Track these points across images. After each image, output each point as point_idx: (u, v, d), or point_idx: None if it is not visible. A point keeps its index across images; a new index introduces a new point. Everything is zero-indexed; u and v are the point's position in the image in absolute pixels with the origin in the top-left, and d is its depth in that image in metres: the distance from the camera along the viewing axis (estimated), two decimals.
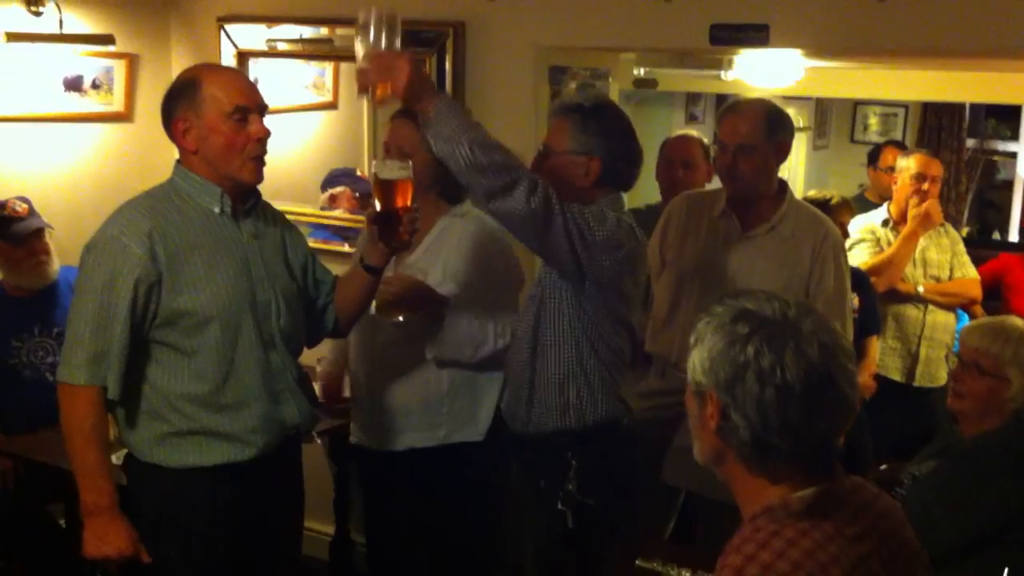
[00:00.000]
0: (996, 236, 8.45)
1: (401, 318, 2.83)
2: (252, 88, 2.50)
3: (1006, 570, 2.50)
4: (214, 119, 2.39)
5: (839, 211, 4.01)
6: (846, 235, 4.05)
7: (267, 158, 2.50)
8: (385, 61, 2.30)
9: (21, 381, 3.59)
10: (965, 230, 7.92)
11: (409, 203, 2.51)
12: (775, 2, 3.26)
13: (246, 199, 2.53)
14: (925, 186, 4.31)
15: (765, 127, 3.03)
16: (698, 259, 3.14)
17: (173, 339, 2.43)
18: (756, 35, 3.27)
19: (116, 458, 2.68)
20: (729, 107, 3.22)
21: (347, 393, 3.36)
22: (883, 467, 3.29)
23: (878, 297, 4.13)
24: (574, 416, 2.63)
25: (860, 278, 3.93)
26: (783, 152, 3.09)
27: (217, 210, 2.47)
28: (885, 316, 4.20)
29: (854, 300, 3.65)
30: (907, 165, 4.37)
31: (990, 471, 2.63)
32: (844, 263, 3.15)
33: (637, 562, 2.52)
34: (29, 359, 3.61)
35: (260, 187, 2.58)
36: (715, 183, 3.43)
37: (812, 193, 4.32)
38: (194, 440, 2.46)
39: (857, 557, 1.52)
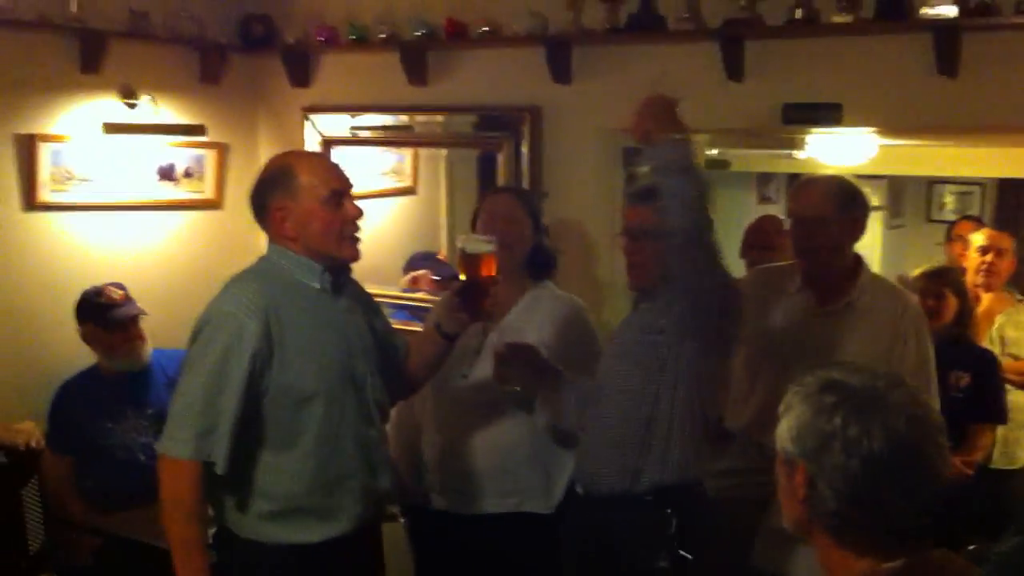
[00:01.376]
0: None
1: (519, 387, 2.85)
2: (342, 172, 2.57)
3: None
4: (312, 205, 2.44)
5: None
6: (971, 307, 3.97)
7: None
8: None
9: (114, 462, 3.67)
10: None
11: (493, 275, 2.63)
12: (847, 81, 3.32)
13: (340, 275, 2.60)
14: (989, 257, 4.27)
15: (838, 200, 3.04)
16: (775, 335, 3.14)
17: (279, 415, 2.43)
18: (829, 115, 3.32)
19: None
20: (802, 183, 3.23)
21: None
22: (971, 547, 3.21)
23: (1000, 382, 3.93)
24: (677, 474, 2.64)
25: (983, 360, 3.85)
26: (858, 226, 3.09)
27: (318, 286, 2.51)
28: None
29: (963, 379, 3.60)
30: (975, 239, 4.35)
31: None
32: (926, 336, 3.12)
33: None
34: (122, 440, 3.69)
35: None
36: None
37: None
38: (294, 517, 2.46)
39: None
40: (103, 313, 3.67)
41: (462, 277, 2.62)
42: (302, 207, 2.45)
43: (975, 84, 3.14)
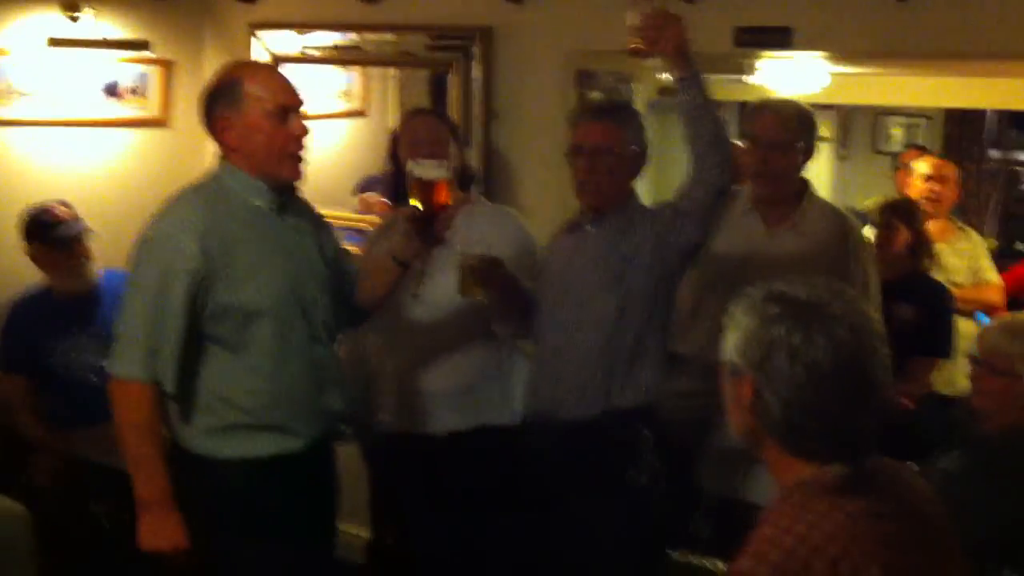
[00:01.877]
0: (1020, 246, 8.42)
1: (481, 296, 2.84)
2: (292, 87, 2.53)
3: None
4: (256, 118, 2.43)
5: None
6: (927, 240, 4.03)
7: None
8: (660, 21, 2.57)
9: (66, 382, 3.66)
10: (989, 241, 7.89)
11: (447, 202, 2.59)
12: (798, 5, 3.32)
13: (285, 195, 2.58)
14: (933, 185, 4.34)
15: (796, 125, 3.10)
16: (724, 257, 3.19)
17: (223, 333, 2.45)
18: (779, 38, 3.33)
19: None
20: (760, 105, 3.27)
21: None
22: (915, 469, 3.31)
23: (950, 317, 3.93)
24: (645, 394, 2.74)
25: (935, 293, 3.87)
26: (810, 152, 3.15)
27: (263, 206, 2.51)
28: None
29: (906, 312, 3.66)
30: (918, 167, 4.41)
31: (1012, 470, 2.65)
32: (868, 259, 3.19)
33: (672, 554, 2.56)
34: (74, 361, 3.67)
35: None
36: None
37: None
38: (245, 432, 2.49)
39: (889, 532, 1.55)
40: (49, 231, 3.62)
41: (414, 203, 2.57)
42: (246, 119, 2.44)
43: (926, 10, 3.16)
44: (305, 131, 2.49)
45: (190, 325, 2.41)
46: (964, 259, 4.32)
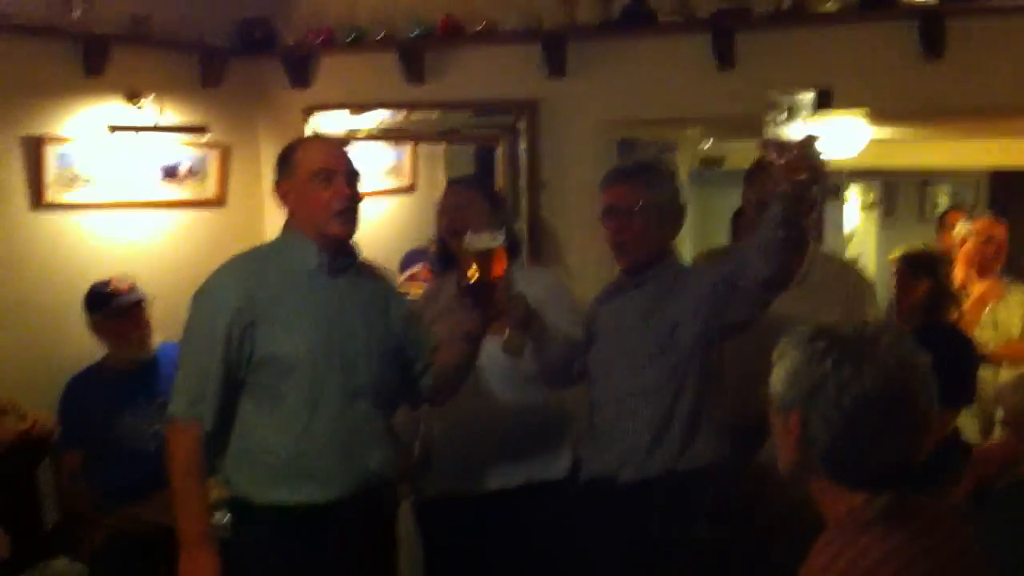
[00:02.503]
0: None
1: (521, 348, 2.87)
2: (338, 154, 2.72)
3: None
4: (304, 181, 2.63)
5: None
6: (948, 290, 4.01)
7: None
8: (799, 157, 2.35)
9: (124, 453, 3.72)
10: None
11: (504, 271, 2.62)
12: (836, 68, 3.42)
13: (343, 256, 2.70)
14: (987, 248, 4.36)
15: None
16: None
17: (265, 382, 2.59)
18: (818, 99, 3.39)
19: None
20: (764, 171, 3.30)
21: None
22: None
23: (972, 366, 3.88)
24: (705, 457, 2.76)
25: (955, 343, 3.81)
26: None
27: (314, 265, 2.65)
28: None
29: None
30: (971, 228, 4.43)
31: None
32: (874, 300, 3.28)
33: None
34: (132, 431, 3.75)
35: None
36: None
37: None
38: (275, 480, 2.60)
39: (931, 564, 1.57)
40: (109, 301, 3.75)
41: (472, 276, 2.60)
42: (298, 183, 2.64)
43: (960, 67, 3.24)
44: (347, 191, 2.62)
45: (230, 370, 2.57)
46: (1016, 314, 4.32)
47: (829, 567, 1.56)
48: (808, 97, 2.32)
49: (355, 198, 2.64)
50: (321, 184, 2.61)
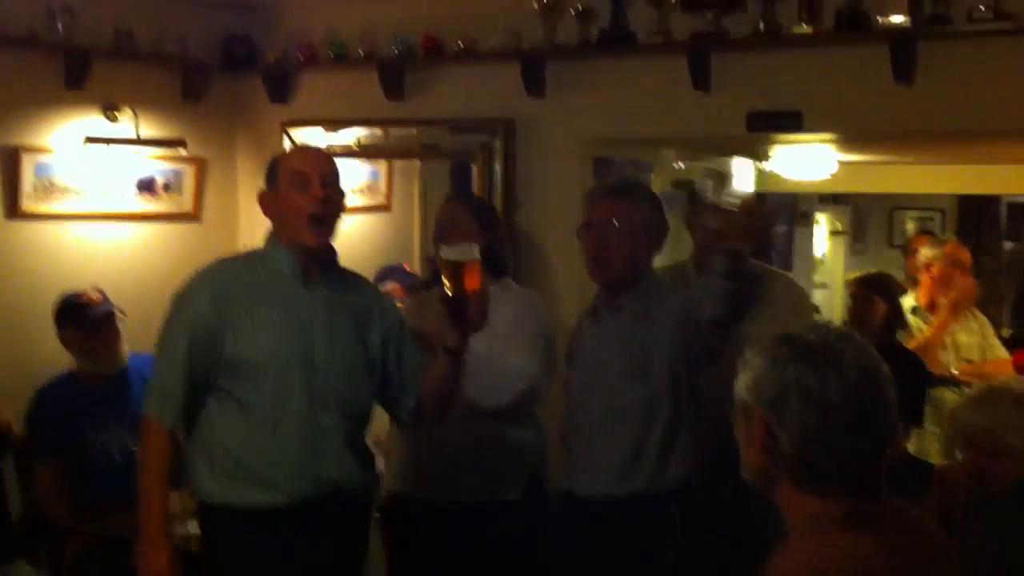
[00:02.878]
0: None
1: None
2: (317, 160, 2.69)
3: None
4: (283, 188, 2.62)
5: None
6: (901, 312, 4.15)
7: None
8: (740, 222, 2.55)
9: (95, 465, 3.71)
10: (1006, 331, 7.94)
11: (479, 285, 2.55)
12: (809, 91, 3.48)
13: (320, 265, 2.69)
14: (957, 273, 4.44)
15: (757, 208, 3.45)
16: None
17: (230, 387, 2.61)
18: (790, 121, 3.47)
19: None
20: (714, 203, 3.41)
21: None
22: None
23: (924, 387, 4.05)
24: (678, 480, 2.78)
25: (907, 362, 3.93)
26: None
27: (288, 272, 2.65)
28: None
29: None
30: (938, 253, 4.51)
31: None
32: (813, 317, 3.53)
33: None
34: (103, 443, 3.73)
35: None
36: None
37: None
38: (237, 482, 2.62)
39: (898, 564, 1.58)
40: (81, 313, 3.73)
41: (447, 288, 2.55)
42: (277, 190, 2.64)
43: (931, 91, 3.31)
44: (319, 195, 2.58)
45: (197, 373, 2.61)
46: (975, 337, 4.43)
47: (796, 571, 1.56)
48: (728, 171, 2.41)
49: (329, 202, 2.60)
50: (295, 188, 2.59)
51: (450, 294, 2.53)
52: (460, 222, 3.18)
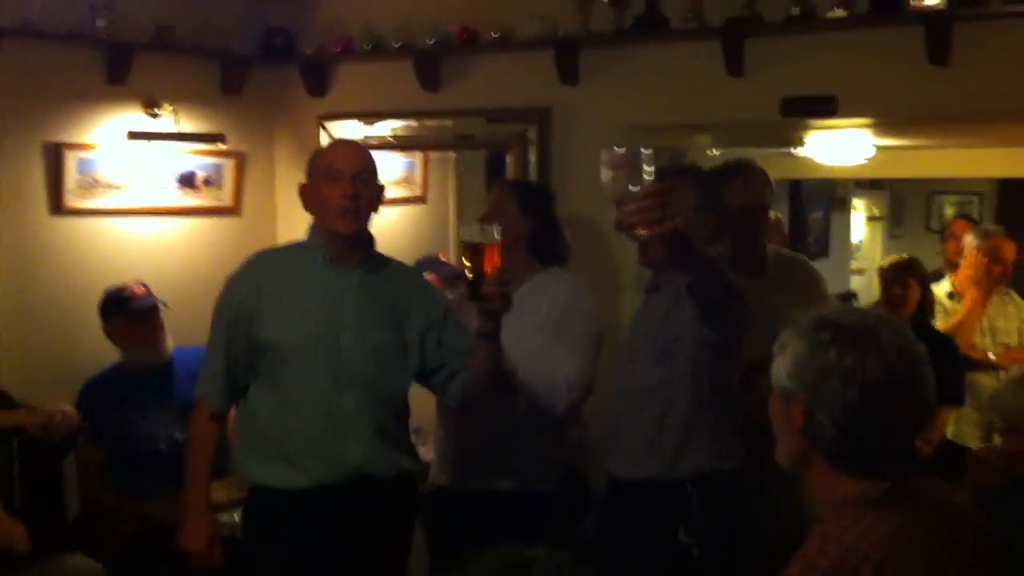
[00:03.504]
0: None
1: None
2: (350, 155, 2.80)
3: None
4: (318, 181, 2.77)
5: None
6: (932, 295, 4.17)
7: None
8: (662, 198, 2.12)
9: (139, 455, 3.80)
10: None
11: (496, 264, 2.54)
12: (843, 74, 3.47)
13: (354, 252, 2.78)
14: (996, 268, 4.42)
15: (770, 187, 3.46)
16: None
17: (265, 368, 2.76)
18: (825, 106, 3.47)
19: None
20: (738, 174, 3.35)
21: None
22: None
23: (959, 367, 4.10)
24: (698, 466, 2.77)
25: (941, 344, 3.96)
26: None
27: (321, 259, 2.77)
28: None
29: None
30: (980, 245, 4.48)
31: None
32: (827, 297, 3.55)
33: None
34: (147, 433, 3.81)
35: None
36: None
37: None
38: (268, 462, 2.76)
39: (933, 542, 1.60)
40: (126, 305, 3.81)
41: (466, 269, 2.57)
42: (315, 182, 2.78)
43: (966, 73, 3.28)
44: (348, 191, 2.69)
45: (233, 355, 2.78)
46: (1013, 321, 4.41)
47: (829, 547, 1.58)
48: (648, 152, 2.19)
49: (358, 197, 2.71)
50: (327, 182, 2.73)
51: (469, 276, 2.55)
52: (504, 206, 3.22)
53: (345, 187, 2.69)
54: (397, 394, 2.85)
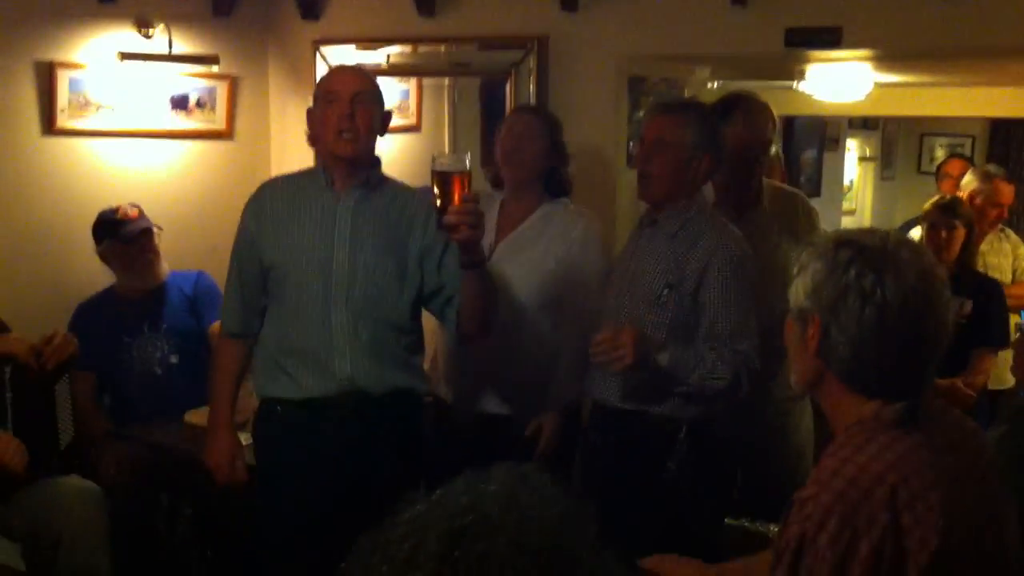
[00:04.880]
0: None
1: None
2: (348, 78, 2.82)
3: None
4: (318, 106, 2.82)
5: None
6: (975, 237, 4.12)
7: None
8: (609, 344, 2.60)
9: (132, 376, 3.80)
10: None
11: (460, 195, 2.48)
12: (847, 5, 3.43)
13: (354, 176, 2.80)
14: (995, 213, 4.42)
15: (773, 123, 3.40)
16: None
17: (272, 289, 2.87)
18: (829, 37, 3.44)
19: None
20: (740, 110, 3.31)
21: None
22: None
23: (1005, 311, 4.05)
24: (685, 408, 2.79)
25: (987, 287, 3.95)
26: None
27: (321, 182, 2.83)
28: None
29: (966, 306, 3.70)
30: (979, 189, 4.47)
31: None
32: (821, 229, 3.39)
33: (726, 520, 2.65)
34: (140, 355, 3.81)
35: None
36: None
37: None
38: (271, 376, 2.87)
39: (945, 463, 1.63)
40: (119, 228, 3.78)
41: (436, 198, 2.51)
42: (317, 107, 2.83)
43: (971, 5, 3.26)
44: (343, 112, 2.72)
45: (245, 280, 2.90)
46: (1007, 258, 4.41)
47: (843, 468, 1.60)
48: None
49: (353, 118, 2.72)
50: (326, 105, 2.76)
51: (437, 205, 2.50)
52: (535, 135, 3.20)
53: (341, 108, 2.72)
54: (395, 313, 2.84)
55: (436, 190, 2.50)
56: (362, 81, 2.80)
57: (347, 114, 2.71)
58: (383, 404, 2.82)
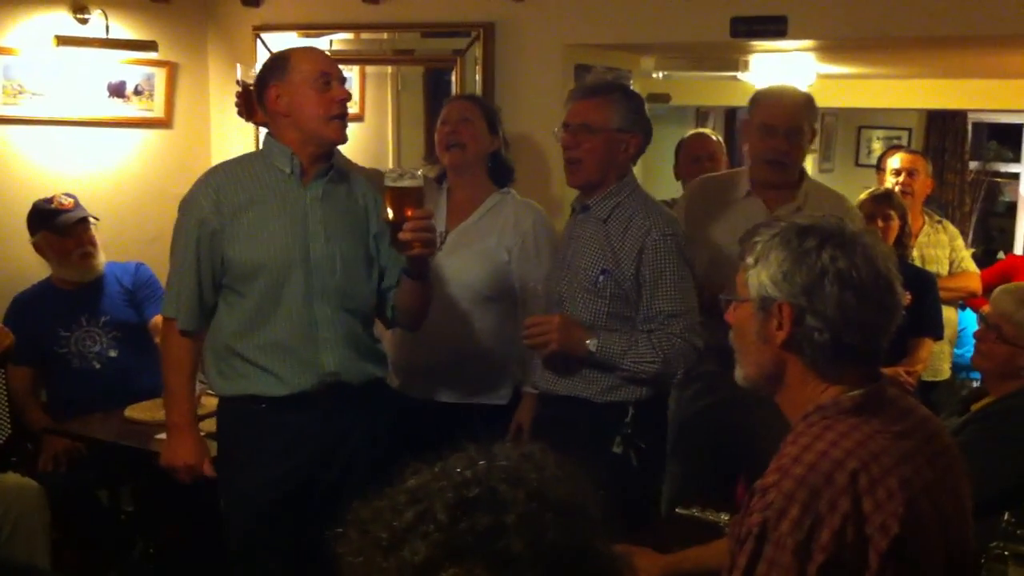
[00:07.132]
0: (1001, 256, 8.60)
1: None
2: (331, 61, 2.75)
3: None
4: (302, 85, 2.64)
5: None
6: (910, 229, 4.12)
7: None
8: (536, 329, 2.69)
9: (70, 370, 3.72)
10: (971, 251, 8.04)
11: (412, 211, 2.53)
12: None
13: (320, 163, 2.71)
14: (902, 178, 4.45)
15: (808, 111, 3.14)
16: (728, 241, 3.24)
17: (232, 283, 2.70)
18: (775, 26, 3.45)
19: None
20: (768, 92, 3.23)
21: None
22: None
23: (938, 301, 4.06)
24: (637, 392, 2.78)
25: (923, 279, 3.97)
26: (815, 134, 3.20)
27: (288, 171, 2.69)
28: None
29: (906, 297, 3.73)
30: (890, 162, 4.55)
31: (1014, 433, 2.73)
32: None
33: (677, 509, 2.64)
34: (77, 349, 3.73)
35: None
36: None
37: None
38: (242, 372, 2.71)
39: (904, 451, 1.63)
40: (54, 218, 3.69)
41: (389, 213, 2.55)
42: (294, 87, 2.64)
43: None
44: (345, 95, 2.67)
45: (204, 274, 2.69)
46: (944, 250, 4.44)
47: (803, 455, 1.60)
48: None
49: (347, 102, 2.68)
50: (320, 87, 2.64)
51: (390, 220, 2.54)
52: (473, 121, 3.18)
53: (340, 91, 2.66)
54: (366, 302, 2.83)
55: (389, 206, 2.53)
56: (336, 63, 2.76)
57: (347, 98, 2.67)
58: (361, 395, 2.80)
